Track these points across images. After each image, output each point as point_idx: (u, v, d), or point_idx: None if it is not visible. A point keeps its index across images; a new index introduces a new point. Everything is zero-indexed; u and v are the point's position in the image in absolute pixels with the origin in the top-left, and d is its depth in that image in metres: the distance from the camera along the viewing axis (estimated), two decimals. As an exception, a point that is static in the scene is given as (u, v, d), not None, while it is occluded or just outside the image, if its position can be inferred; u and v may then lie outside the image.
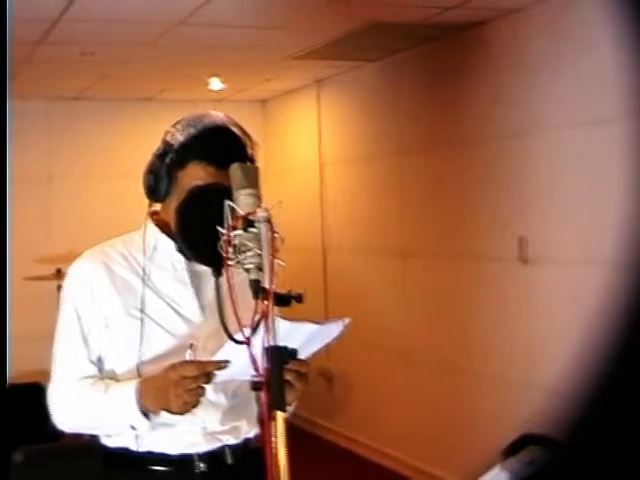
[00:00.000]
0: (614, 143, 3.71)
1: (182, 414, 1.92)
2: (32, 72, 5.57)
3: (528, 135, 4.48)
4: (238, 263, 1.66)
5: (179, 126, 2.08)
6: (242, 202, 1.71)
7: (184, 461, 2.07)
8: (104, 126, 6.86)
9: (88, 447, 2.27)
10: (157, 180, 2.07)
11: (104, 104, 6.83)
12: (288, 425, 1.63)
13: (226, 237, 1.68)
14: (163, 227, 2.12)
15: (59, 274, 5.59)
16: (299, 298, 1.69)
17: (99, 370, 2.10)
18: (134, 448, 2.08)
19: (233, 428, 2.13)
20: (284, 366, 1.66)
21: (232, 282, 1.69)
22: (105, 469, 2.15)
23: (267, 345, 1.62)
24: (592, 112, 4.06)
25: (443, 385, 5.24)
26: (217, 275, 1.90)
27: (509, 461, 1.57)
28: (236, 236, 1.67)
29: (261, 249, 1.64)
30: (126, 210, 3.79)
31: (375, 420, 5.95)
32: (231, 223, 1.68)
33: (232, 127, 2.08)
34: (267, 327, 1.61)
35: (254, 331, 1.65)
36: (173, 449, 2.07)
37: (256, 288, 1.63)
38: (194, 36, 4.76)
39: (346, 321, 1.82)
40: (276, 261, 1.64)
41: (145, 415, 1.98)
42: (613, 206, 3.38)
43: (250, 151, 2.08)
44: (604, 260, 3.39)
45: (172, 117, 2.16)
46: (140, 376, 2.02)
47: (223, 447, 2.11)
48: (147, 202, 2.14)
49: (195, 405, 1.90)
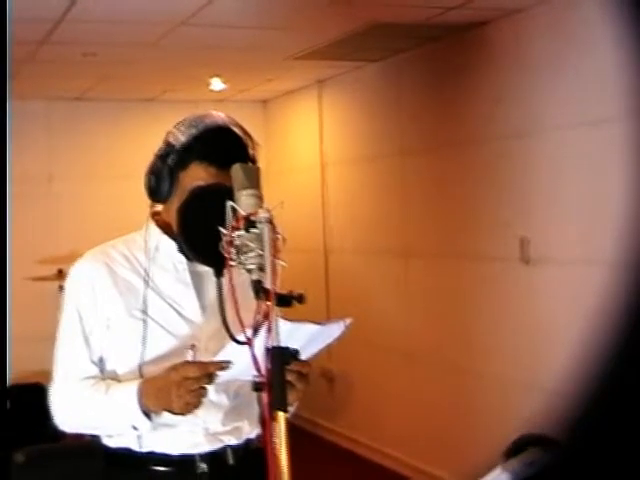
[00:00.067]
0: (615, 143, 3.71)
1: (184, 415, 1.92)
2: (33, 72, 5.57)
3: (530, 135, 4.47)
4: (240, 264, 1.66)
5: (181, 127, 2.08)
6: (244, 202, 1.71)
7: (185, 461, 2.07)
8: (106, 127, 6.87)
9: (89, 447, 2.27)
10: (159, 181, 2.07)
11: (106, 105, 6.83)
12: (289, 425, 1.63)
13: (228, 237, 1.68)
14: (165, 228, 2.12)
15: (61, 274, 5.59)
16: (300, 299, 1.69)
17: (101, 371, 2.10)
18: (136, 448, 2.08)
19: (235, 428, 2.13)
20: (286, 367, 1.67)
21: (234, 283, 1.69)
22: (106, 469, 2.15)
23: (269, 346, 1.62)
24: (593, 112, 4.06)
25: (445, 385, 5.24)
26: (218, 276, 1.89)
27: (510, 462, 1.57)
28: (238, 237, 1.67)
29: (263, 249, 1.64)
30: (128, 211, 3.79)
31: (376, 420, 5.94)
32: (233, 224, 1.68)
33: (233, 127, 2.08)
34: (269, 328, 1.62)
35: (256, 332, 1.65)
36: (174, 449, 2.07)
37: (258, 289, 1.63)
38: (196, 37, 4.77)
39: (347, 321, 1.82)
40: (278, 262, 1.64)
41: (147, 415, 1.98)
42: (614, 206, 3.38)
43: (251, 151, 2.08)
44: (606, 260, 3.38)
45: (174, 118, 2.16)
46: (142, 377, 2.02)
47: (225, 447, 2.11)
48: (148, 203, 2.14)
49: (197, 406, 1.90)
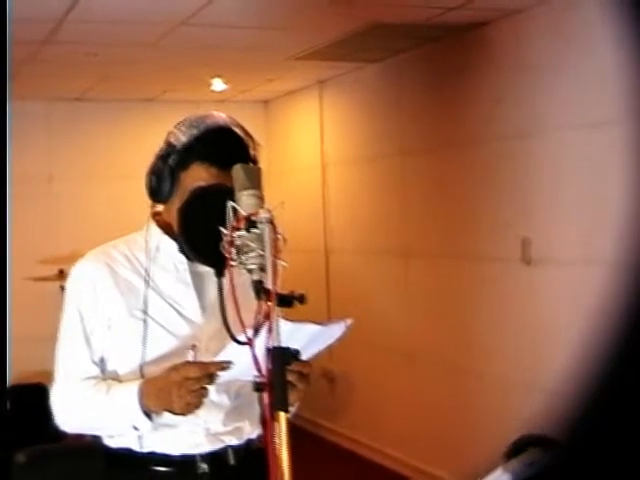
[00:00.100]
0: (615, 145, 3.71)
1: (185, 415, 1.92)
2: (33, 72, 5.57)
3: (530, 136, 4.47)
4: (240, 264, 1.66)
5: (181, 127, 2.08)
6: (244, 203, 1.71)
7: (186, 462, 2.07)
8: (106, 127, 6.87)
9: (90, 448, 2.27)
10: (159, 181, 2.07)
11: (106, 105, 6.83)
12: (290, 426, 1.63)
13: (228, 238, 1.68)
14: (165, 228, 2.12)
15: (61, 275, 5.59)
16: (301, 299, 1.69)
17: (102, 371, 2.10)
18: (136, 449, 2.08)
19: (236, 429, 2.13)
20: (286, 367, 1.67)
21: (234, 283, 1.69)
22: (107, 470, 2.15)
23: (269, 346, 1.62)
24: (594, 114, 4.06)
25: (445, 386, 5.24)
26: (219, 276, 1.89)
27: (511, 463, 1.57)
28: (238, 237, 1.67)
29: (263, 250, 1.64)
30: (128, 211, 3.79)
31: (377, 421, 5.94)
32: (233, 224, 1.68)
33: (234, 128, 2.08)
34: (269, 328, 1.62)
35: (256, 332, 1.65)
36: (175, 450, 2.07)
37: (259, 289, 1.63)
38: (196, 37, 4.77)
39: (348, 322, 1.82)
40: (278, 262, 1.65)
41: (147, 416, 1.98)
42: (614, 207, 3.38)
43: (252, 152, 2.08)
44: (606, 261, 3.38)
45: (174, 118, 2.15)
46: (143, 377, 2.02)
47: (225, 448, 2.11)
48: (149, 203, 2.14)
49: (198, 406, 1.90)
